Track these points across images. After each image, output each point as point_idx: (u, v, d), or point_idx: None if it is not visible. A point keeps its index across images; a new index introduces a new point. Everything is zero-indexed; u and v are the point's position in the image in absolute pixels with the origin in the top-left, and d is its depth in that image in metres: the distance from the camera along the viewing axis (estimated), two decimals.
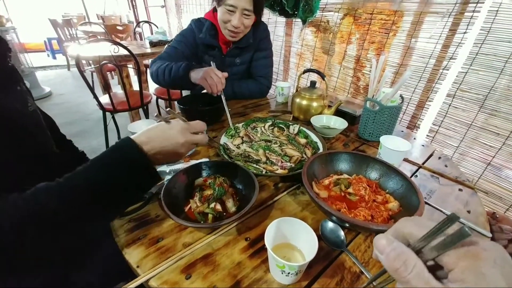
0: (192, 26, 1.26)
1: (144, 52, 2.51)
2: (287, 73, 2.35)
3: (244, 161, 0.79)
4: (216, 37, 1.26)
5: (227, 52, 1.28)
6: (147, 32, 4.08)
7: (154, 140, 0.54)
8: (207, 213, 0.60)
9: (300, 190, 0.72)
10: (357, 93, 1.78)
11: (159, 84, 1.20)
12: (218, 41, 1.26)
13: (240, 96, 1.33)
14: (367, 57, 1.63)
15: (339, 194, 0.68)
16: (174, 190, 0.64)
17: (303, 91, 1.10)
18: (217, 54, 1.28)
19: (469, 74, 1.17)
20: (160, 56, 1.23)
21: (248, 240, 0.56)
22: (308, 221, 0.60)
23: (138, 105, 2.05)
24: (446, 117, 1.29)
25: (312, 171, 0.71)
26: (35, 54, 5.28)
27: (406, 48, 1.41)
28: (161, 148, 0.54)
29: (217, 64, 1.08)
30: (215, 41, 1.25)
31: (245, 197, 0.65)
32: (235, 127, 0.98)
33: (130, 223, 0.59)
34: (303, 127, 1.00)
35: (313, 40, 1.96)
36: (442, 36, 1.24)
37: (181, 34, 1.27)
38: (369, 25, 1.54)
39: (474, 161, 1.25)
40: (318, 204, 0.57)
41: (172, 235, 0.56)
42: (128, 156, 0.51)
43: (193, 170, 0.70)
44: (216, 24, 1.23)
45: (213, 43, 1.24)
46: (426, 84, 1.37)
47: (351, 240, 0.57)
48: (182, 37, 1.26)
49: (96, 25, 3.77)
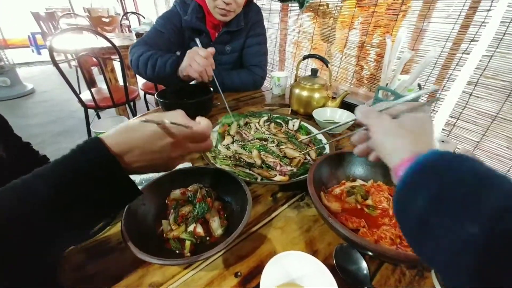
0: (176, 7, 1.10)
1: (129, 44, 2.34)
2: (283, 64, 2.19)
3: (234, 166, 0.64)
4: (203, 20, 1.10)
5: (216, 38, 1.12)
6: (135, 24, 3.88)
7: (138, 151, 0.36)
8: (185, 239, 0.45)
9: (305, 202, 0.57)
10: (360, 84, 1.64)
11: (140, 75, 1.03)
12: (205, 25, 1.10)
13: (231, 88, 1.18)
14: (371, 43, 1.48)
15: (355, 206, 0.53)
16: (143, 208, 0.49)
17: (303, 81, 0.95)
18: (205, 41, 1.12)
19: (495, 58, 1.03)
20: (142, 40, 1.05)
21: (239, 276, 0.42)
22: (318, 247, 0.46)
23: (123, 101, 1.89)
24: (466, 108, 1.15)
25: (319, 177, 0.57)
26: (18, 50, 5.04)
27: (418, 31, 1.25)
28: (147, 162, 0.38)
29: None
30: (203, 25, 1.09)
31: (235, 213, 0.51)
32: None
33: (80, 255, 0.44)
34: (304, 122, 0.86)
35: (311, 27, 1.80)
36: (461, 15, 1.09)
37: (165, 17, 1.10)
38: (375, 6, 1.38)
39: (498, 157, 1.12)
40: (331, 225, 0.43)
41: (136, 272, 0.42)
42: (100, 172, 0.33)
43: (170, 179, 0.55)
44: (203, 5, 1.07)
45: (200, 27, 1.08)
46: (441, 71, 1.22)
47: (375, 270, 0.43)
48: (166, 20, 1.09)
49: (80, 17, 3.56)
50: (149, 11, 4.00)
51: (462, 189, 0.22)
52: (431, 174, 0.25)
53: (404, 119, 0.33)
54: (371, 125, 0.34)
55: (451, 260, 0.22)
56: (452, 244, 0.21)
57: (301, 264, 0.37)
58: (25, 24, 4.95)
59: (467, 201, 0.22)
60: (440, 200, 0.23)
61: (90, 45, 1.93)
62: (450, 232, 0.22)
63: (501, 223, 0.19)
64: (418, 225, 0.24)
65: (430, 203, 0.24)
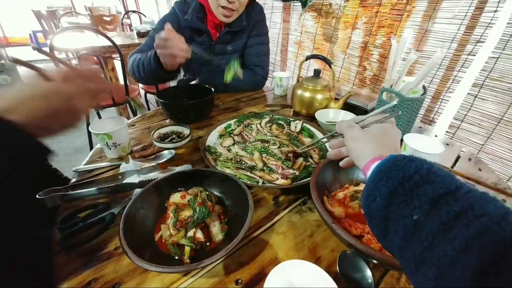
0: (175, 10, 1.09)
1: (130, 42, 2.33)
2: (284, 64, 2.18)
3: (235, 168, 0.63)
4: (204, 20, 1.08)
5: (217, 38, 1.11)
6: (136, 23, 3.87)
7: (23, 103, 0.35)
8: (184, 245, 0.44)
9: (307, 206, 0.56)
10: (363, 84, 1.62)
11: (138, 81, 1.04)
12: (206, 25, 1.08)
13: (232, 89, 1.17)
14: (375, 43, 1.46)
15: (359, 211, 0.52)
16: (141, 212, 0.48)
17: (306, 82, 0.94)
18: (206, 41, 1.11)
19: (501, 59, 1.01)
20: (138, 49, 1.05)
21: (240, 283, 0.40)
22: (322, 253, 0.45)
23: (123, 100, 1.88)
24: (471, 110, 1.13)
25: (322, 180, 0.55)
26: (20, 48, 5.03)
27: (422, 32, 1.23)
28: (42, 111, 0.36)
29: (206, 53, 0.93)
30: (203, 25, 1.07)
31: (236, 218, 0.49)
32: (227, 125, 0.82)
33: (78, 260, 0.43)
34: (307, 124, 0.84)
35: (314, 27, 1.79)
36: (467, 16, 1.07)
37: (162, 21, 1.09)
38: (379, 6, 1.37)
39: (503, 160, 1.10)
40: (335, 232, 0.41)
41: (134, 279, 0.41)
42: None
43: (169, 181, 0.53)
44: (205, 4, 1.05)
45: (200, 27, 1.07)
46: (445, 73, 1.20)
47: (380, 278, 0.42)
48: (163, 24, 1.08)
49: (82, 16, 3.55)
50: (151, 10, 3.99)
51: (407, 184, 0.27)
52: (385, 174, 0.29)
53: (371, 128, 0.40)
54: (344, 134, 0.42)
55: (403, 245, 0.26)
56: (403, 232, 0.25)
57: (305, 273, 0.36)
58: (26, 22, 4.94)
59: (412, 193, 0.26)
60: (393, 194, 0.28)
61: (91, 43, 1.92)
62: (402, 221, 0.26)
63: (436, 208, 0.24)
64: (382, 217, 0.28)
65: (386, 198, 0.28)
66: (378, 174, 0.30)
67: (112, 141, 0.65)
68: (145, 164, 0.65)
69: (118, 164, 0.65)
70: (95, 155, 0.71)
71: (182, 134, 0.78)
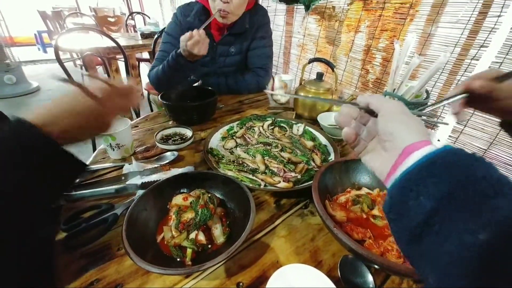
0: (177, 16, 1.12)
1: (134, 44, 2.34)
2: (287, 66, 2.18)
3: (237, 171, 0.63)
4: None
5: (219, 39, 1.11)
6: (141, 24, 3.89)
7: (63, 118, 0.37)
8: (186, 247, 0.44)
9: (309, 210, 0.56)
10: (365, 88, 1.62)
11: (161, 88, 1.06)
12: (209, 28, 1.09)
13: (235, 91, 1.17)
14: (378, 47, 1.46)
15: (360, 216, 0.52)
16: (144, 213, 0.48)
17: (308, 85, 0.94)
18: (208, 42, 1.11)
19: (505, 64, 1.00)
20: (155, 63, 1.11)
21: (241, 286, 0.40)
22: (323, 257, 0.45)
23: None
24: (474, 115, 1.13)
25: (324, 184, 0.55)
26: (25, 48, 5.08)
27: (425, 36, 1.23)
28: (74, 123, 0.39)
29: (208, 54, 0.94)
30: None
31: (238, 220, 0.50)
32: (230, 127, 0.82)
33: (80, 260, 0.43)
34: (309, 127, 0.84)
35: (317, 29, 1.79)
36: (470, 20, 1.07)
37: (166, 33, 1.13)
38: (382, 10, 1.37)
39: (506, 166, 1.09)
40: (337, 236, 0.41)
41: (136, 280, 0.41)
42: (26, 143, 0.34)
43: (171, 183, 0.54)
44: (209, 7, 1.06)
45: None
46: (448, 77, 1.20)
47: (381, 283, 0.42)
48: (167, 37, 1.13)
49: (86, 16, 3.58)
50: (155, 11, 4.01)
51: (471, 189, 0.21)
52: (441, 168, 0.23)
53: None
54: (380, 106, 0.32)
55: (452, 264, 0.20)
56: (459, 248, 0.20)
57: (306, 277, 0.36)
58: (31, 23, 4.99)
59: (479, 204, 0.20)
60: (447, 197, 0.21)
61: (95, 44, 1.94)
62: (457, 235, 0.20)
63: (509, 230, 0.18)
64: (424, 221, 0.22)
65: (437, 200, 0.22)
66: (428, 166, 0.24)
67: (115, 142, 0.66)
68: (147, 166, 0.65)
69: (121, 165, 0.65)
70: (98, 156, 0.72)
71: (185, 136, 0.79)
